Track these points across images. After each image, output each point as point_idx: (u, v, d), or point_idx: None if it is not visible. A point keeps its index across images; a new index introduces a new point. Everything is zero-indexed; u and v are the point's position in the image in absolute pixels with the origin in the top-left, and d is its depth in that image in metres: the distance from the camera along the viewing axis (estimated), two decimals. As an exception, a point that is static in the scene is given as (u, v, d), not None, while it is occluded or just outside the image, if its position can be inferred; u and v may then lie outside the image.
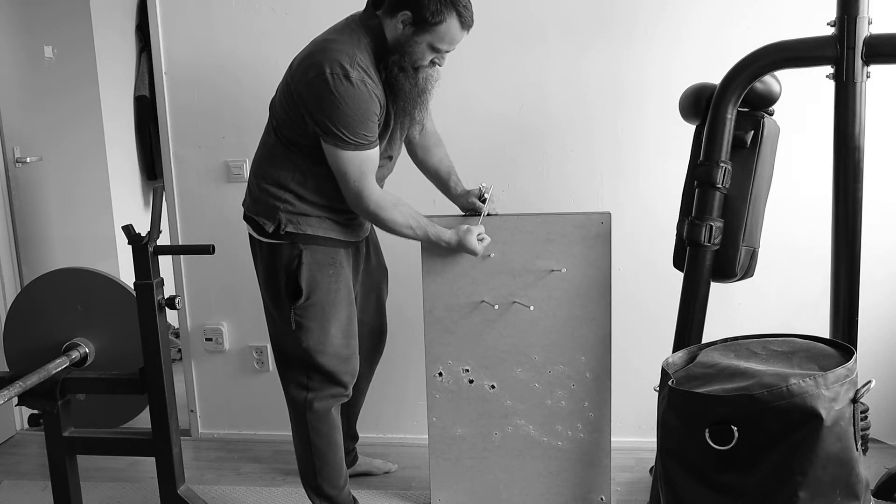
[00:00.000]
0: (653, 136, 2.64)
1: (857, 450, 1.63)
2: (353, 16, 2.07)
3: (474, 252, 2.23)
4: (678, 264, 2.21)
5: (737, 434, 1.58)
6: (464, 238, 2.21)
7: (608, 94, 2.64)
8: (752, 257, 2.17)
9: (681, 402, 1.68)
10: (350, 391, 2.27)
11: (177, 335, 3.50)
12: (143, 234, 2.13)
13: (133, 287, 2.16)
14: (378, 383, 2.61)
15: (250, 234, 2.21)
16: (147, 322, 2.15)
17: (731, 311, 2.64)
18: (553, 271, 2.30)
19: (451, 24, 1.97)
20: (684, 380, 1.75)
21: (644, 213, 2.67)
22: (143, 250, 2.12)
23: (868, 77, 1.96)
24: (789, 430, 1.56)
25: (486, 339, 2.36)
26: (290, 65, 2.09)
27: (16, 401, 2.14)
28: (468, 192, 2.35)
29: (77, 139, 3.62)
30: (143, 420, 2.30)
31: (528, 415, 2.38)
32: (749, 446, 1.59)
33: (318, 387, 2.21)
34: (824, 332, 2.06)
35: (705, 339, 2.07)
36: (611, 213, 2.30)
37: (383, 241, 2.46)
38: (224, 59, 2.78)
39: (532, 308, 2.31)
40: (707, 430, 1.61)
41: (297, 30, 2.51)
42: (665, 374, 1.79)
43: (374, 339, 2.49)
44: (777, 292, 2.67)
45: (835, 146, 2.01)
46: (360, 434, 2.69)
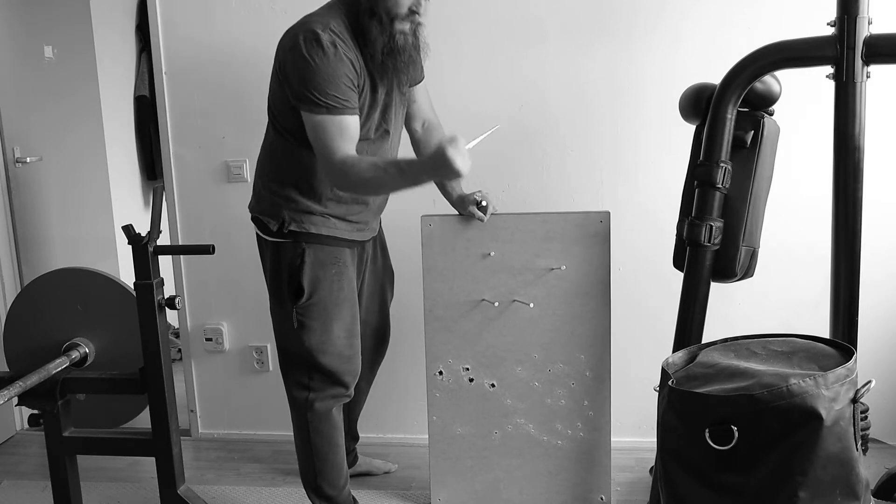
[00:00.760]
0: (653, 135, 2.63)
1: (857, 450, 1.63)
2: None
3: (454, 168, 1.78)
4: (678, 264, 2.21)
5: (737, 434, 1.58)
6: (447, 146, 1.78)
7: (608, 93, 2.64)
8: (752, 257, 2.17)
9: (681, 402, 1.68)
10: (351, 392, 2.27)
11: (177, 335, 3.50)
12: (143, 234, 2.13)
13: (133, 287, 2.16)
14: (379, 383, 2.61)
15: (257, 234, 2.22)
16: (147, 322, 2.15)
17: (731, 311, 2.64)
18: (553, 269, 2.30)
19: None
20: (684, 380, 1.75)
21: (644, 213, 2.67)
22: (143, 250, 2.12)
23: (868, 77, 1.95)
24: (789, 430, 1.56)
25: (487, 337, 2.36)
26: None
27: (16, 401, 2.14)
28: (464, 198, 2.33)
29: (77, 139, 3.62)
30: (143, 420, 2.30)
31: (528, 413, 2.38)
32: (749, 446, 1.59)
33: (320, 387, 2.21)
34: (824, 332, 2.05)
35: (705, 339, 2.06)
36: (610, 213, 2.31)
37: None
38: (224, 59, 2.78)
39: (532, 306, 2.31)
40: (707, 430, 1.61)
41: (297, 30, 2.51)
42: (665, 374, 1.79)
43: (376, 340, 2.49)
44: (777, 292, 2.67)
45: (835, 146, 2.01)
46: (360, 434, 2.69)
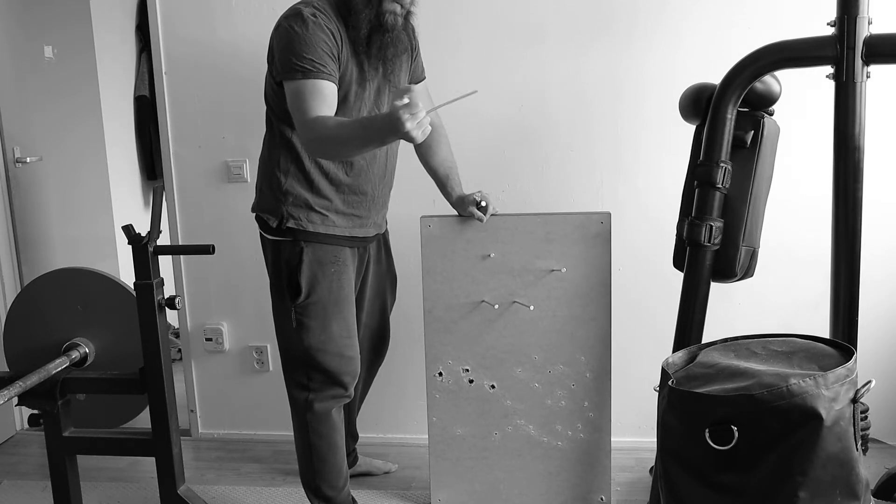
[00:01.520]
0: (653, 135, 2.63)
1: (857, 450, 1.63)
2: None
3: (404, 129, 1.66)
4: (678, 264, 2.21)
5: (737, 434, 1.58)
6: (400, 108, 1.66)
7: (608, 93, 2.64)
8: (752, 257, 2.17)
9: (681, 402, 1.68)
10: (351, 392, 2.27)
11: (177, 335, 3.50)
12: (143, 234, 2.13)
13: (133, 287, 2.16)
14: (378, 383, 2.61)
15: (260, 233, 2.23)
16: (147, 322, 2.15)
17: (731, 311, 2.64)
18: (553, 271, 2.30)
19: None
20: (684, 380, 1.75)
21: (644, 213, 2.67)
22: (143, 250, 2.12)
23: (868, 77, 1.95)
24: (789, 430, 1.56)
25: (486, 338, 2.36)
26: None
27: (16, 401, 2.14)
28: (464, 198, 2.32)
29: (77, 139, 3.62)
30: (143, 420, 2.30)
31: (528, 415, 2.38)
32: (749, 446, 1.59)
33: (319, 387, 2.21)
34: (824, 332, 2.05)
35: (705, 339, 2.06)
36: (610, 213, 2.30)
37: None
38: (224, 59, 2.78)
39: (532, 308, 2.31)
40: (707, 430, 1.61)
41: (297, 30, 2.51)
42: (665, 374, 1.79)
43: (375, 342, 2.49)
44: (777, 292, 2.67)
45: (835, 146, 2.01)
46: (360, 434, 2.69)
